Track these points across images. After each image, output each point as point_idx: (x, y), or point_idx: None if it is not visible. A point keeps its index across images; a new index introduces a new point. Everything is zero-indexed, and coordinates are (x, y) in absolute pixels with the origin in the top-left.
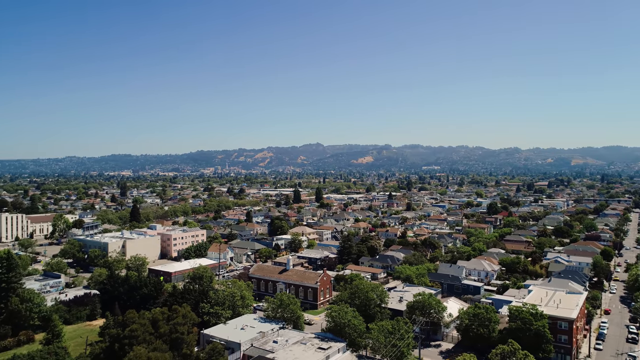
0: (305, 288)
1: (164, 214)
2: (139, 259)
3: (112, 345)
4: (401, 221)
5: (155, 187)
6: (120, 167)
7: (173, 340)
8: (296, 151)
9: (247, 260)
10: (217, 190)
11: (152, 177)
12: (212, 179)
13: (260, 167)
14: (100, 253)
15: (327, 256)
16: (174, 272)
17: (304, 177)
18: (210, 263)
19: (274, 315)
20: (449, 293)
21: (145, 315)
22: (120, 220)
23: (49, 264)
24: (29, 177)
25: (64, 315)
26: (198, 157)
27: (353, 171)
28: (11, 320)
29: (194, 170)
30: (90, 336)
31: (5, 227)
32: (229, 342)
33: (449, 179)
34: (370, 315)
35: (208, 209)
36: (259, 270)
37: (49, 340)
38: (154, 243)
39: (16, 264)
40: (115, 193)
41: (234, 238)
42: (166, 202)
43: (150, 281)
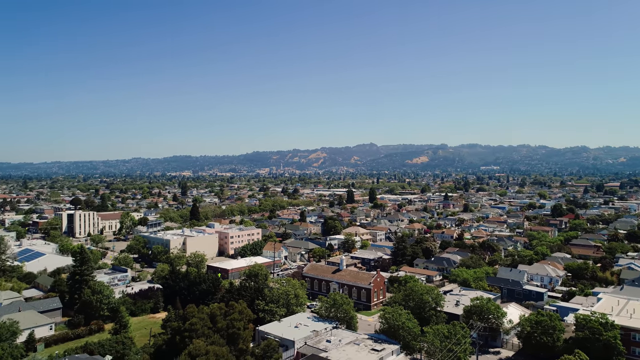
0: (359, 288)
1: (221, 213)
2: (198, 256)
3: (174, 337)
4: (458, 223)
5: (213, 187)
6: (181, 167)
7: (230, 335)
8: (349, 151)
9: (301, 260)
10: (272, 190)
11: (210, 177)
12: (267, 179)
13: (313, 167)
14: (163, 249)
15: (380, 257)
16: (231, 269)
17: (358, 177)
18: (265, 261)
19: (327, 315)
20: (509, 298)
21: (204, 310)
22: (181, 218)
23: (116, 259)
24: (100, 177)
25: (130, 307)
26: (254, 157)
27: (407, 171)
28: (84, 310)
29: (250, 171)
30: (153, 328)
31: (79, 223)
32: (283, 340)
33: (509, 180)
34: (424, 319)
35: (263, 209)
36: (313, 269)
37: (117, 330)
38: (212, 241)
39: (88, 258)
40: (177, 192)
41: (288, 237)
42: (224, 201)
43: (208, 277)
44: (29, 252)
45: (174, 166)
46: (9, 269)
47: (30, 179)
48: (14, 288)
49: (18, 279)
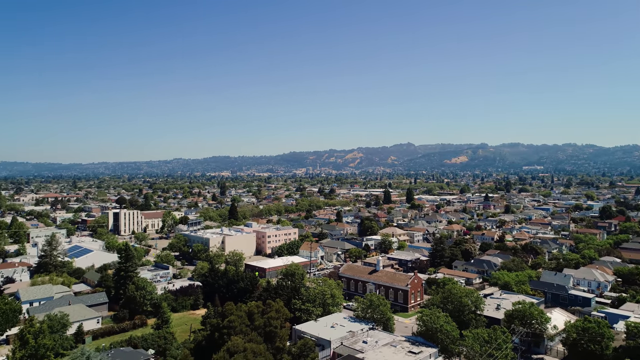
0: (396, 290)
1: (259, 213)
2: (237, 255)
3: (213, 333)
4: (499, 224)
5: (251, 186)
6: (220, 168)
7: (267, 333)
8: (386, 151)
9: (337, 260)
10: (309, 190)
11: (248, 177)
12: (304, 179)
13: (350, 167)
14: (203, 248)
15: (418, 258)
16: (268, 268)
17: (395, 177)
18: (302, 261)
19: (363, 316)
20: (554, 303)
21: (242, 307)
22: (220, 217)
23: (159, 256)
24: (143, 177)
25: (171, 304)
26: (290, 158)
27: (446, 171)
28: (128, 305)
29: (287, 171)
30: (193, 324)
31: (124, 221)
32: (320, 339)
33: (553, 180)
34: (463, 322)
35: (300, 209)
36: (349, 269)
37: (159, 325)
38: (250, 240)
39: (133, 255)
40: (216, 192)
41: (324, 237)
42: (261, 201)
43: (246, 276)
44: (78, 249)
45: (213, 166)
46: (60, 265)
47: (79, 179)
48: (64, 282)
49: (68, 274)
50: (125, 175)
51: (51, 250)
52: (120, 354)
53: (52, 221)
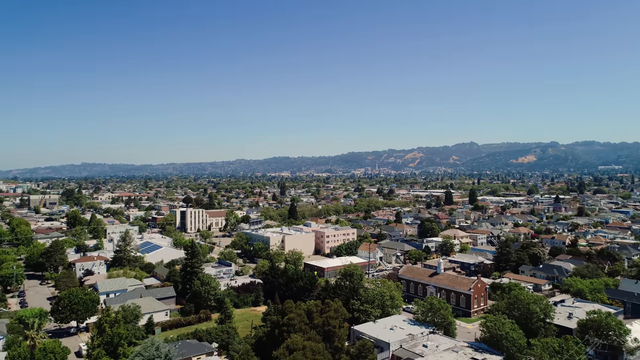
0: (457, 294)
1: (318, 213)
2: (296, 254)
3: (273, 330)
4: (571, 228)
5: (310, 187)
6: (280, 168)
7: (325, 332)
8: (448, 151)
9: (397, 261)
10: (367, 190)
11: (307, 177)
12: (362, 179)
13: (409, 167)
14: (263, 246)
15: (481, 262)
16: (326, 268)
17: (457, 177)
18: (360, 261)
19: (423, 319)
20: (634, 314)
21: (301, 306)
22: (280, 217)
23: (222, 254)
24: (208, 177)
25: (233, 300)
26: (349, 158)
27: (512, 171)
28: (194, 300)
29: (345, 171)
30: (254, 320)
31: (190, 219)
32: (378, 341)
33: (633, 181)
34: (531, 330)
35: (358, 209)
36: (409, 271)
37: (222, 320)
38: (309, 239)
39: (198, 252)
40: (276, 192)
41: (383, 238)
42: (320, 201)
43: (305, 275)
44: (148, 245)
45: (273, 167)
46: (132, 259)
47: (150, 179)
48: (136, 276)
49: (140, 268)
50: (191, 176)
51: (125, 246)
52: (186, 346)
53: (126, 218)
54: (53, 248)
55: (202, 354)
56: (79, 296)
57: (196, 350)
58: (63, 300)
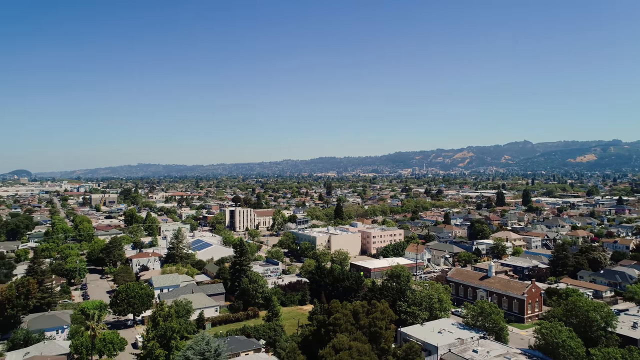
0: (510, 298)
1: (364, 213)
2: (342, 254)
3: (319, 329)
4: (635, 231)
5: (356, 187)
6: (327, 168)
7: (372, 333)
8: (499, 150)
9: (445, 263)
10: (415, 191)
11: (353, 177)
12: (410, 179)
13: (459, 167)
14: (310, 245)
15: (536, 266)
16: (373, 269)
17: (509, 178)
18: (408, 263)
19: (473, 323)
20: None
21: (347, 306)
22: (326, 216)
23: (269, 252)
24: (255, 177)
25: (280, 298)
26: (396, 158)
27: (569, 171)
28: (242, 297)
29: (392, 171)
30: (301, 319)
31: (238, 219)
32: (426, 344)
33: None
34: (590, 339)
35: (405, 209)
36: (458, 274)
37: (270, 317)
38: (355, 239)
39: (246, 250)
40: (322, 192)
41: (431, 239)
42: (366, 201)
43: (351, 275)
44: (199, 243)
45: (319, 167)
46: (184, 256)
47: (201, 179)
48: (188, 273)
49: (191, 265)
50: (240, 176)
51: (178, 243)
52: (235, 342)
53: (179, 217)
54: (112, 244)
55: (250, 350)
56: (135, 290)
57: (244, 346)
58: (121, 294)
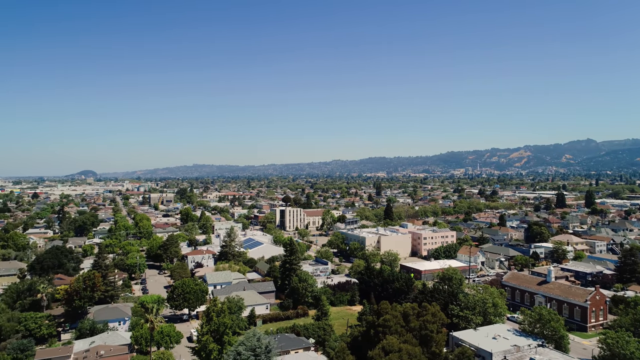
0: (571, 305)
1: (414, 214)
2: (392, 255)
3: (368, 330)
4: None
5: (406, 187)
6: (376, 168)
7: (422, 336)
8: (559, 149)
9: (500, 267)
10: (468, 191)
11: (403, 178)
12: (462, 180)
13: (515, 167)
14: (359, 246)
15: (600, 272)
16: (423, 271)
17: (570, 178)
18: (460, 265)
19: (530, 330)
20: None
21: (397, 308)
22: (376, 217)
23: (319, 252)
24: (305, 177)
25: (329, 297)
26: (448, 158)
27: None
28: (292, 295)
29: (444, 172)
30: (350, 319)
31: (288, 218)
32: (479, 350)
33: None
34: None
35: (458, 211)
36: (514, 278)
37: (319, 316)
38: (405, 241)
39: (296, 249)
40: (372, 192)
41: (485, 242)
42: (417, 202)
43: (401, 276)
44: (251, 241)
45: (369, 167)
46: (237, 254)
47: (252, 179)
48: (240, 270)
49: (243, 263)
50: (290, 176)
51: (230, 242)
52: (285, 339)
53: (231, 216)
54: (169, 241)
55: (299, 348)
56: (190, 286)
57: (294, 344)
58: (177, 289)
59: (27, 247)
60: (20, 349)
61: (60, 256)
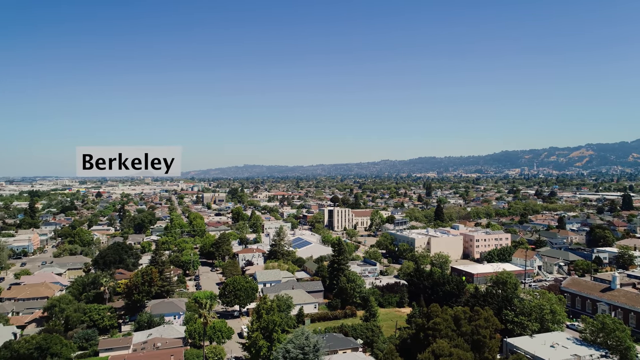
0: (638, 315)
1: (466, 215)
2: (442, 257)
3: (418, 333)
4: None
5: (458, 188)
6: (426, 168)
7: (474, 341)
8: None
9: (559, 272)
10: (523, 192)
11: (455, 178)
12: (518, 180)
13: (576, 167)
14: (408, 247)
15: None
16: (476, 274)
17: (638, 178)
18: (515, 269)
19: (592, 340)
20: None
21: (448, 311)
22: (426, 218)
23: (367, 253)
24: (353, 178)
25: (378, 299)
26: (502, 157)
27: None
28: (340, 295)
29: (498, 172)
30: (399, 321)
31: (337, 218)
32: (536, 358)
33: None
34: None
35: (512, 212)
36: (574, 284)
37: (367, 317)
38: (456, 242)
39: (344, 249)
40: (421, 193)
41: (542, 245)
42: (469, 203)
43: (452, 279)
44: (299, 241)
45: (419, 167)
46: (286, 253)
47: (301, 179)
48: (289, 269)
49: (292, 262)
50: (338, 176)
51: (279, 241)
52: (333, 339)
53: (280, 215)
54: (221, 240)
55: (347, 348)
56: (241, 284)
57: (342, 344)
58: (229, 286)
59: (91, 243)
60: (85, 338)
61: (121, 252)
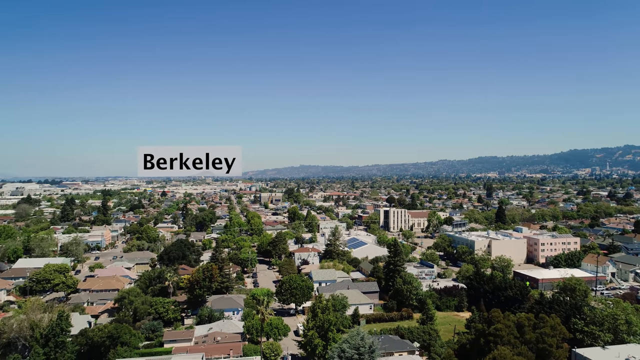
0: None
1: (530, 217)
2: (504, 260)
3: (478, 339)
4: None
5: (521, 188)
6: (487, 168)
7: (539, 350)
8: None
9: (635, 280)
10: (594, 194)
11: (518, 178)
12: (588, 181)
13: None
14: (467, 250)
15: None
16: (541, 279)
17: None
18: (585, 276)
19: None
20: None
21: (510, 317)
22: (486, 220)
23: (424, 254)
24: (410, 178)
25: (435, 302)
26: (570, 156)
27: None
28: (396, 297)
29: (565, 172)
30: (457, 326)
31: (392, 219)
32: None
33: None
34: None
35: (582, 215)
36: None
37: (424, 320)
38: (519, 246)
39: (400, 250)
40: (482, 194)
41: (616, 250)
42: (533, 204)
43: (515, 284)
44: (355, 241)
45: (478, 167)
46: (341, 253)
47: (356, 180)
48: (344, 269)
49: (347, 262)
50: (394, 176)
51: (335, 240)
52: (388, 341)
53: (335, 215)
54: (277, 238)
55: (403, 351)
56: (297, 282)
57: (398, 346)
58: (285, 284)
59: (157, 240)
60: (151, 330)
61: (184, 248)
